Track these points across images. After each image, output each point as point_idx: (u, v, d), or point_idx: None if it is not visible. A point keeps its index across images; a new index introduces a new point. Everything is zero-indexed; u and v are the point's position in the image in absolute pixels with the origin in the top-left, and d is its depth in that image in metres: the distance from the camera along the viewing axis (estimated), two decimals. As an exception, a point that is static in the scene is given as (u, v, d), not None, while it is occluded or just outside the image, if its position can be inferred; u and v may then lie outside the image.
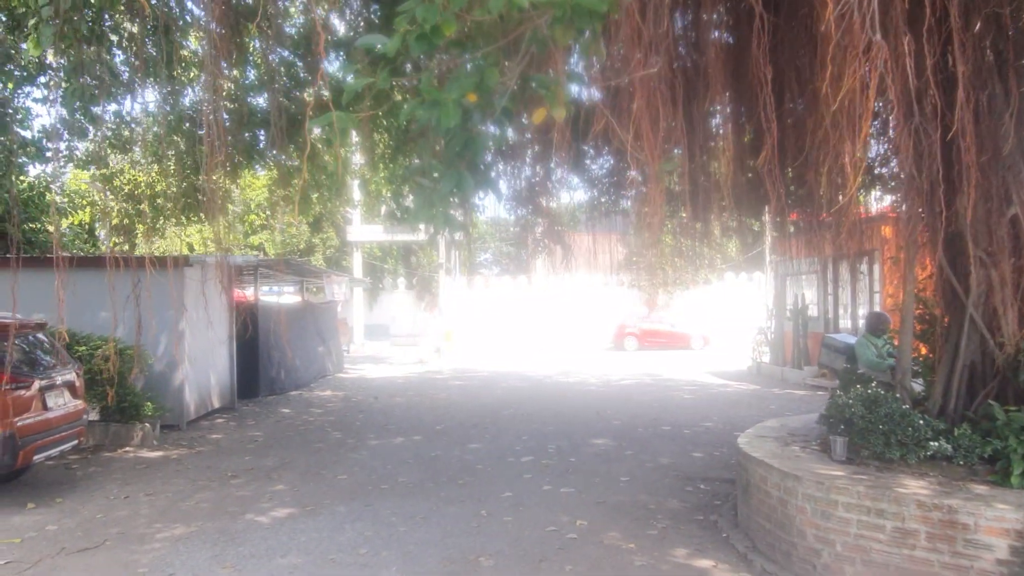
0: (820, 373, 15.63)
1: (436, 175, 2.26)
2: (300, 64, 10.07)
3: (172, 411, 10.90)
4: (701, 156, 6.63)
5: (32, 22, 6.63)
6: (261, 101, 10.85)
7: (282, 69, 9.89)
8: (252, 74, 11.05)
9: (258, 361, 14.71)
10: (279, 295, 23.74)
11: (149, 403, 10.17)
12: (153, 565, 5.47)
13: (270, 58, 9.25)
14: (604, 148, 8.81)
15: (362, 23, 9.13)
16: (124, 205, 17.36)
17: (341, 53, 9.99)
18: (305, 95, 10.55)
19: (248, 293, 16.92)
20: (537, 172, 9.82)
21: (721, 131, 6.96)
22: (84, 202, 19.99)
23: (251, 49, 10.41)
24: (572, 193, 11.78)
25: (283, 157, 10.37)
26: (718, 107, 6.61)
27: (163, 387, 10.86)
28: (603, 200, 10.50)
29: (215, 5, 5.13)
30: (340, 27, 10.34)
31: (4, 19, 10.14)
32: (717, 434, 10.59)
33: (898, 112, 3.80)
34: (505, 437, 10.51)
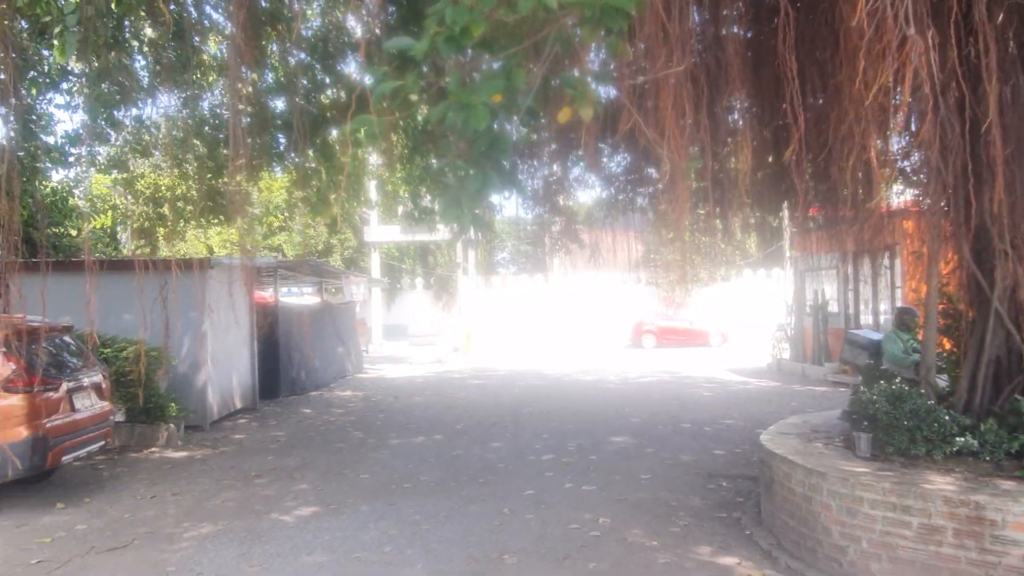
0: (842, 369, 15.50)
1: (462, 175, 2.29)
2: (318, 66, 10.14)
3: (196, 412, 11.03)
4: (722, 152, 6.60)
5: (57, 30, 6.74)
6: (279, 104, 10.93)
7: (298, 72, 9.97)
8: (270, 77, 11.14)
9: (279, 362, 14.84)
10: (298, 296, 23.92)
11: (173, 404, 10.30)
12: (181, 564, 5.54)
13: (290, 62, 9.32)
14: (621, 145, 8.79)
15: (379, 25, 9.18)
16: (145, 209, 17.58)
17: (358, 55, 10.04)
18: (322, 98, 10.63)
19: (268, 294, 17.07)
20: (554, 171, 9.83)
21: (739, 127, 6.93)
22: (106, 206, 20.25)
23: (269, 52, 10.49)
24: (590, 191, 11.78)
25: (302, 160, 10.44)
26: (736, 103, 6.58)
27: (187, 388, 10.99)
28: (620, 198, 10.48)
29: (239, 11, 5.19)
30: (357, 30, 10.40)
31: (26, 26, 10.29)
32: (738, 431, 10.54)
33: (926, 105, 3.76)
34: (525, 435, 10.53)
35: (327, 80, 10.37)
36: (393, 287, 36.16)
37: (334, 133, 10.46)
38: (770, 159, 7.27)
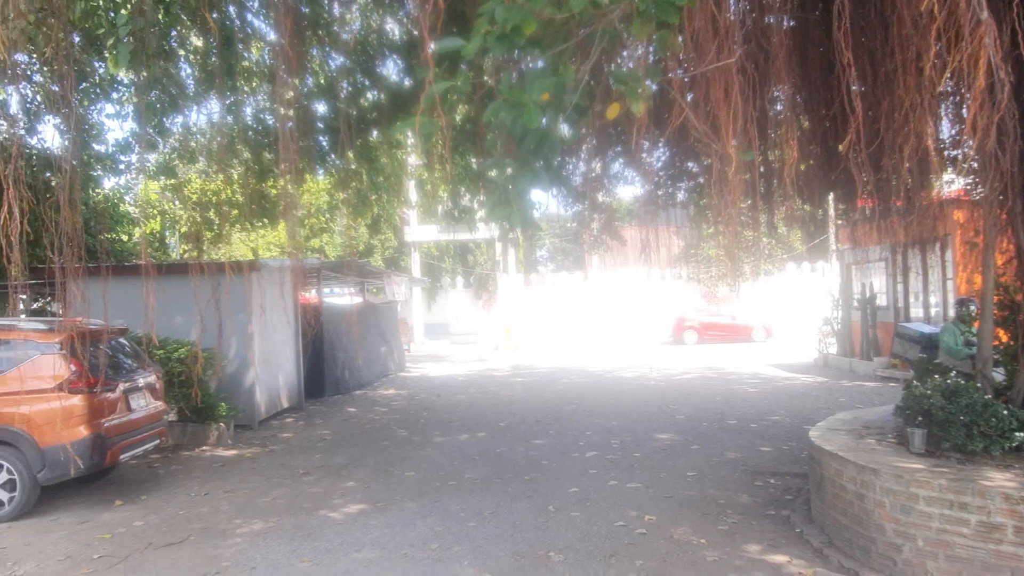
0: (892, 364, 15.15)
1: (510, 173, 2.30)
2: (358, 70, 10.26)
3: (244, 411, 11.26)
4: (767, 144, 6.50)
5: (110, 42, 6.95)
6: (321, 108, 11.10)
7: (340, 76, 10.10)
8: (311, 81, 11.32)
9: (323, 361, 15.06)
10: (341, 296, 24.22)
11: (223, 404, 10.53)
12: (235, 560, 5.67)
13: (333, 67, 9.45)
14: (661, 140, 8.72)
15: (417, 28, 9.26)
16: (193, 213, 18.00)
17: (396, 57, 10.15)
18: (362, 101, 10.75)
19: (312, 295, 17.33)
20: (593, 167, 9.79)
21: (783, 118, 6.82)
22: (155, 211, 20.80)
23: (310, 57, 10.65)
24: (629, 187, 11.70)
25: (344, 162, 10.59)
26: (781, 93, 6.48)
27: (235, 388, 11.22)
28: (660, 193, 10.40)
29: (286, 19, 5.29)
30: (395, 32, 10.51)
31: (78, 39, 10.62)
32: (785, 428, 10.38)
33: (985, 92, 3.65)
34: (569, 433, 10.52)
35: (367, 83, 10.50)
36: (434, 286, 36.43)
37: (375, 135, 10.59)
38: (818, 150, 7.13)
